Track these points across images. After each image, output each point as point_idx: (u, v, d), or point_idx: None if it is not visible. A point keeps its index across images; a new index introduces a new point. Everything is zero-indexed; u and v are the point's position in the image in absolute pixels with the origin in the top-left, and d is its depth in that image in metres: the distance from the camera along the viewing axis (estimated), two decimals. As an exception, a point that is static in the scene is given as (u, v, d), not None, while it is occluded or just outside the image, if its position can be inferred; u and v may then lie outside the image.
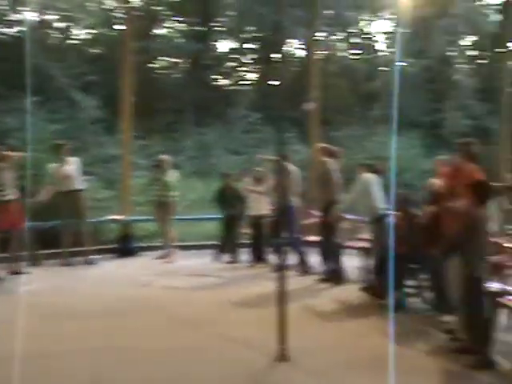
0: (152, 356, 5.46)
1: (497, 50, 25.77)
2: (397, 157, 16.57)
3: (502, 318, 6.20)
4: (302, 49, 28.02)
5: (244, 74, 32.39)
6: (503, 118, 11.11)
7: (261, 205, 9.85)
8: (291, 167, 9.21)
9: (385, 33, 33.12)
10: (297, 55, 30.39)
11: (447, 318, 6.51)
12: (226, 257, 10.42)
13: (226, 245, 10.55)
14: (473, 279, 5.36)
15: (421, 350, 5.75)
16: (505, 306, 5.88)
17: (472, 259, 5.37)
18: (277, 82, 28.47)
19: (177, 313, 7.06)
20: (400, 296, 7.18)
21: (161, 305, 7.46)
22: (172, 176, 10.52)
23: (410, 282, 7.48)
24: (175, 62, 29.34)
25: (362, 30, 31.17)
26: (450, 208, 5.94)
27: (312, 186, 9.79)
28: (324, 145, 9.11)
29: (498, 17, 26.54)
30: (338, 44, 30.28)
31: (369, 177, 8.16)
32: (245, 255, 10.24)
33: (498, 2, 28.64)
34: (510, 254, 6.91)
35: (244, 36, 30.52)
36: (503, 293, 5.94)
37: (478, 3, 28.34)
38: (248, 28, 28.93)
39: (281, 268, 5.54)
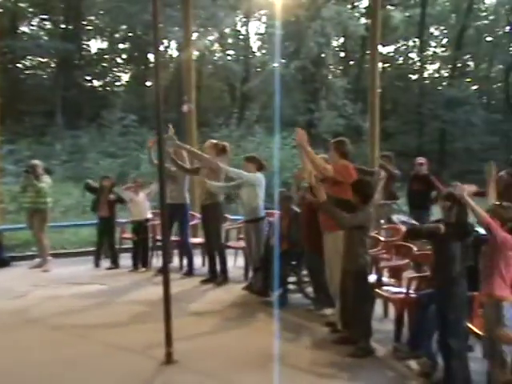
0: (31, 371, 5.18)
1: (365, 51, 27.13)
2: (274, 156, 16.93)
3: (378, 308, 6.52)
4: (177, 49, 27.94)
5: (118, 74, 31.75)
6: (372, 117, 11.61)
7: (142, 210, 9.65)
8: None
9: (258, 34, 33.76)
10: (172, 55, 30.24)
11: (327, 311, 6.72)
12: (106, 263, 10.12)
13: (104, 250, 10.25)
14: (357, 273, 5.53)
15: (305, 344, 5.87)
16: (380, 296, 6.17)
17: (357, 253, 5.55)
18: (151, 83, 28.16)
19: (57, 323, 6.73)
20: (283, 293, 7.32)
21: (39, 316, 7.07)
22: (44, 181, 10.03)
23: (291, 279, 7.62)
24: (43, 62, 28.14)
25: (236, 30, 31.52)
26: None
27: (192, 186, 9.68)
28: (215, 141, 8.94)
29: (365, 20, 27.92)
30: (213, 44, 30.41)
31: (258, 176, 8.09)
32: (127, 260, 9.99)
33: (365, 6, 30.19)
34: (385, 248, 7.24)
35: (116, 36, 29.90)
36: (379, 284, 6.24)
37: (347, 7, 29.57)
38: (120, 27, 28.33)
39: (165, 271, 5.45)
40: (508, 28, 34.47)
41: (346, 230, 5.67)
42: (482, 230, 4.58)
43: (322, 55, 27.23)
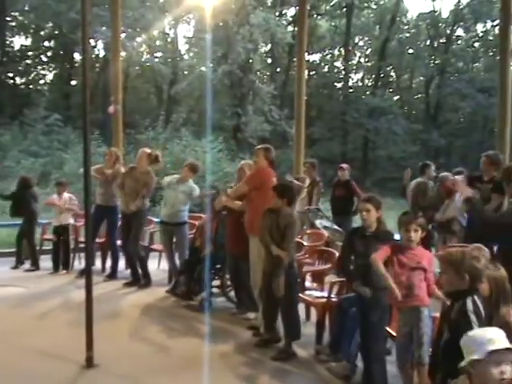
0: None
1: (292, 59, 27.52)
2: (202, 159, 16.96)
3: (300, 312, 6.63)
4: (104, 49, 27.50)
5: (42, 72, 30.90)
6: (298, 123, 11.77)
7: (63, 213, 9.41)
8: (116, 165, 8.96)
9: (187, 37, 33.67)
10: (99, 55, 29.70)
11: (250, 314, 6.78)
12: (26, 265, 9.81)
13: (24, 252, 9.94)
14: (288, 276, 5.60)
15: (228, 348, 5.89)
16: (303, 300, 6.28)
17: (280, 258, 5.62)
18: (77, 82, 27.59)
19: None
20: (207, 296, 7.32)
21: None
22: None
23: (215, 282, 7.65)
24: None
25: (165, 32, 31.31)
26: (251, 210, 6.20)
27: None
28: (148, 150, 8.82)
29: (292, 28, 28.35)
30: (141, 46, 30.07)
31: (194, 186, 8.18)
32: (48, 262, 9.72)
33: (293, 14, 30.64)
34: (308, 252, 7.37)
35: (41, 33, 29.10)
36: (301, 289, 6.35)
37: (275, 14, 29.91)
38: (46, 25, 27.58)
39: (87, 274, 5.35)
40: (428, 41, 35.80)
41: (274, 235, 5.72)
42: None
43: (250, 61, 27.45)
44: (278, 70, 35.14)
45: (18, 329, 6.42)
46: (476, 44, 35.60)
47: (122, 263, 9.39)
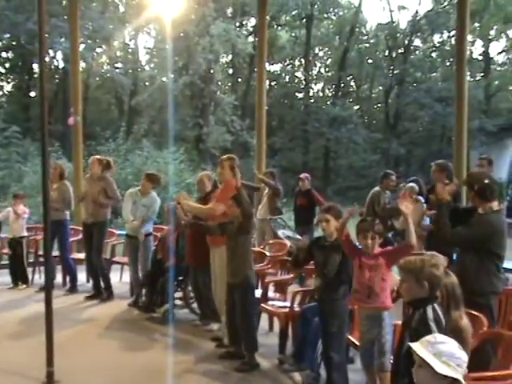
0: None
1: (253, 69, 27.64)
2: (163, 170, 16.88)
3: (263, 322, 6.64)
4: (63, 60, 27.20)
5: (0, 84, 30.39)
6: (259, 133, 11.82)
7: (20, 224, 9.25)
8: (65, 182, 8.87)
9: (147, 48, 33.56)
10: (58, 66, 29.35)
11: (213, 326, 6.76)
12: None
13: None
14: (245, 286, 5.61)
15: (191, 360, 5.86)
16: (265, 310, 6.29)
17: (244, 264, 5.63)
18: (35, 94, 27.18)
19: None
20: (170, 308, 7.27)
21: None
22: None
23: (177, 294, 7.61)
24: None
25: (125, 43, 31.14)
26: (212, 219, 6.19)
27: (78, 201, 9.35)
28: (99, 156, 8.82)
29: (253, 38, 28.51)
30: (100, 57, 29.85)
31: (155, 198, 8.13)
32: (4, 276, 9.51)
33: (253, 24, 30.82)
34: (270, 262, 7.38)
35: (-2, 44, 28.60)
36: (264, 299, 6.36)
37: (235, 25, 30.02)
38: (2, 36, 27.10)
39: (47, 288, 5.26)
40: (387, 51, 36.38)
41: (228, 244, 5.74)
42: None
43: (211, 71, 27.47)
44: (240, 80, 35.27)
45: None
46: (433, 54, 36.30)
47: (83, 277, 9.29)
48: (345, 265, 4.70)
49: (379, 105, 38.26)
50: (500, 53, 35.36)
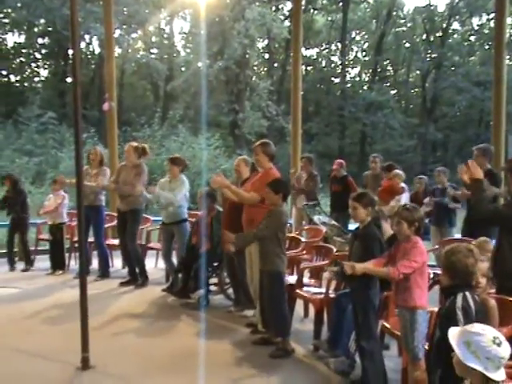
0: None
1: (289, 54, 27.39)
2: (199, 156, 16.89)
3: (298, 308, 6.59)
4: (99, 46, 27.37)
5: (36, 70, 30.74)
6: (295, 118, 11.72)
7: (58, 211, 9.33)
8: (103, 167, 8.90)
9: (183, 33, 33.56)
10: (94, 52, 29.56)
11: (248, 312, 6.73)
12: (21, 265, 9.74)
13: (17, 252, 9.87)
14: (273, 273, 5.55)
15: (226, 346, 5.83)
16: (300, 297, 6.22)
17: (273, 253, 5.56)
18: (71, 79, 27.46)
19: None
20: (204, 294, 7.27)
21: None
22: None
23: (213, 279, 7.59)
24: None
25: (160, 28, 31.16)
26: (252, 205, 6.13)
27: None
28: (135, 143, 8.77)
29: (289, 23, 28.21)
30: (136, 42, 29.98)
31: (184, 180, 8.07)
32: (45, 262, 9.65)
33: (289, 9, 30.52)
34: (305, 248, 7.31)
35: (35, 30, 28.91)
36: (299, 285, 6.29)
37: (271, 9, 29.78)
38: (38, 22, 27.35)
39: (81, 273, 5.28)
40: (424, 35, 35.74)
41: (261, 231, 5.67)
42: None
43: (246, 56, 27.36)
44: (275, 65, 35.07)
45: (12, 330, 6.37)
46: (472, 38, 35.54)
47: (118, 262, 9.36)
48: (369, 254, 4.57)
49: (416, 89, 37.65)
50: (540, 35, 34.43)
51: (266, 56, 34.55)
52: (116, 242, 9.36)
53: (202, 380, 4.88)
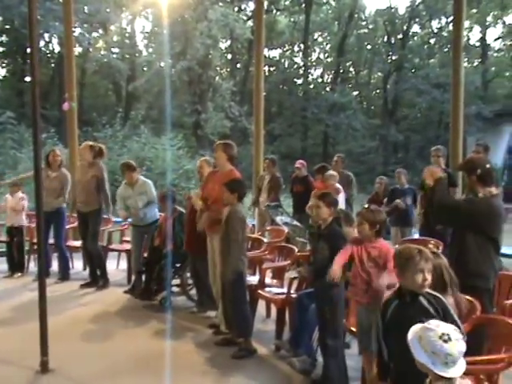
0: None
1: (252, 54, 27.42)
2: (161, 157, 16.80)
3: (261, 308, 6.60)
4: (60, 44, 26.96)
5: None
6: (257, 119, 11.72)
7: (17, 213, 9.16)
8: (62, 169, 8.77)
9: (145, 33, 33.31)
10: (54, 51, 29.10)
11: (210, 313, 6.72)
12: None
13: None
14: (234, 274, 5.55)
15: (188, 347, 5.81)
16: (262, 297, 6.24)
17: (232, 255, 5.56)
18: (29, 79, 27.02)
19: None
20: (166, 295, 7.23)
21: None
22: None
23: (175, 281, 7.56)
24: None
25: (122, 28, 30.85)
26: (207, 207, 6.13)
27: (73, 189, 9.19)
28: (91, 143, 8.67)
29: (252, 23, 28.23)
30: (97, 41, 29.60)
31: (143, 179, 8.07)
32: (2, 265, 9.47)
33: (252, 9, 30.57)
34: (268, 249, 7.32)
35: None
36: (261, 285, 6.30)
37: (234, 9, 29.77)
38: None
39: (40, 275, 5.20)
40: (386, 37, 36.19)
41: (221, 232, 5.67)
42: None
43: (209, 57, 27.28)
44: (238, 65, 35.07)
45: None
46: (431, 40, 36.12)
47: (80, 264, 9.24)
48: (335, 253, 4.61)
49: (378, 91, 38.11)
50: (497, 39, 35.30)
51: (229, 56, 34.53)
52: (77, 243, 9.25)
53: (166, 382, 4.86)
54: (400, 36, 35.56)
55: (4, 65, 30.44)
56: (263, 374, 5.13)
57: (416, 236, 8.19)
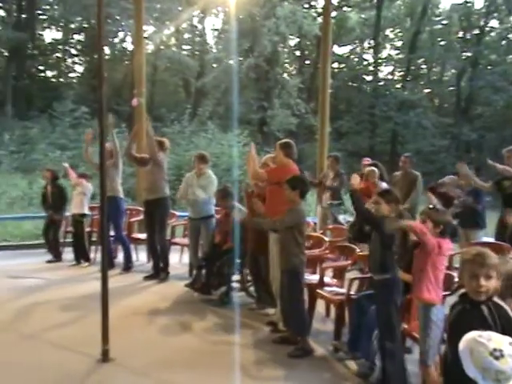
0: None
1: (320, 51, 27.21)
2: (227, 153, 16.92)
3: (320, 308, 6.54)
4: (131, 42, 27.55)
5: (71, 65, 31.17)
6: (323, 116, 11.62)
7: (80, 203, 9.40)
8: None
9: (215, 30, 33.60)
10: (127, 48, 29.78)
11: (269, 310, 6.71)
12: (49, 256, 9.87)
13: (48, 244, 10.02)
14: (292, 272, 5.52)
15: (245, 343, 5.81)
16: (322, 297, 6.17)
17: (292, 253, 5.53)
18: (106, 75, 27.70)
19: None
20: (226, 291, 7.27)
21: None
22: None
23: (235, 277, 7.58)
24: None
25: (192, 25, 31.25)
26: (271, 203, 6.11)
27: (138, 181, 9.38)
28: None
29: (320, 20, 28.00)
30: (168, 39, 30.09)
31: (210, 174, 8.18)
32: (70, 254, 9.76)
33: (321, 6, 30.30)
34: (329, 248, 7.24)
35: (71, 26, 29.34)
36: (321, 284, 6.24)
37: (303, 6, 29.62)
38: (74, 18, 27.76)
39: (103, 266, 5.32)
40: (461, 33, 35.15)
41: (280, 230, 5.65)
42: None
43: (277, 54, 27.25)
44: (307, 62, 34.86)
45: (32, 321, 6.46)
46: (510, 35, 34.77)
47: (143, 256, 9.42)
48: (385, 242, 4.57)
49: (451, 88, 37.04)
50: None
51: (298, 53, 34.38)
52: (141, 236, 9.41)
53: (220, 376, 4.88)
54: (476, 31, 34.43)
55: (81, 62, 31.43)
56: (318, 375, 5.08)
57: (485, 239, 7.90)
